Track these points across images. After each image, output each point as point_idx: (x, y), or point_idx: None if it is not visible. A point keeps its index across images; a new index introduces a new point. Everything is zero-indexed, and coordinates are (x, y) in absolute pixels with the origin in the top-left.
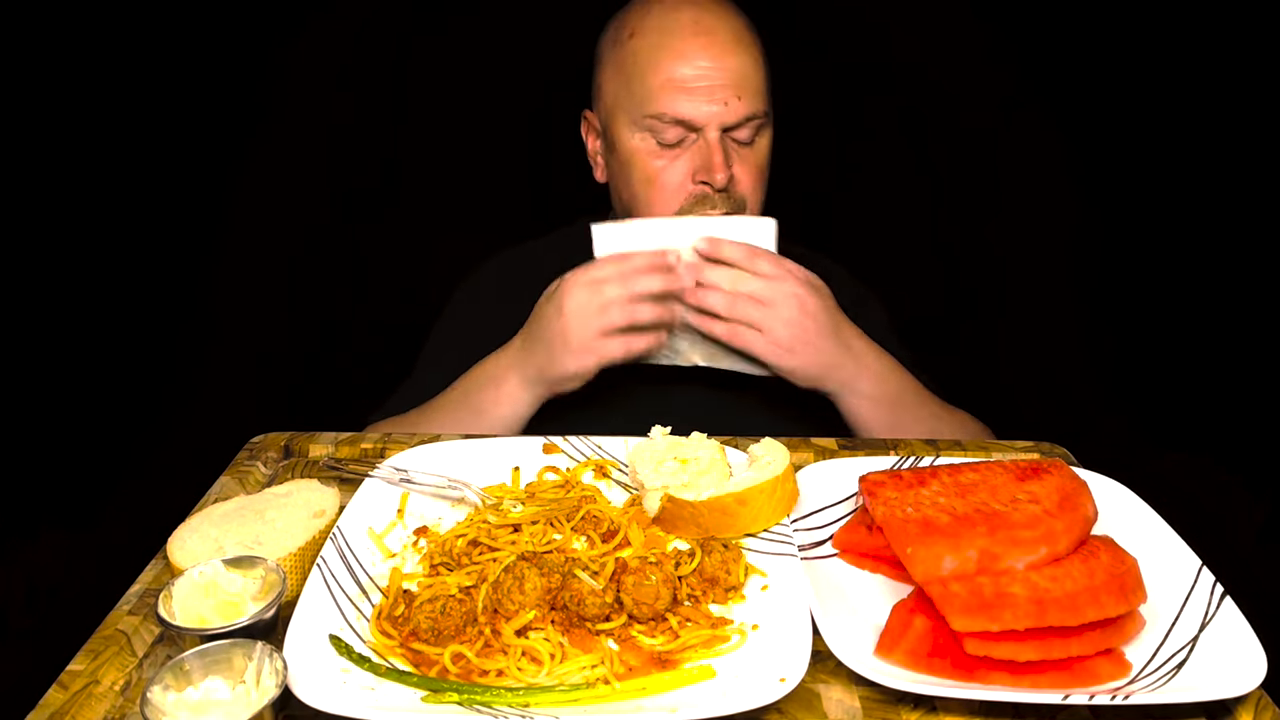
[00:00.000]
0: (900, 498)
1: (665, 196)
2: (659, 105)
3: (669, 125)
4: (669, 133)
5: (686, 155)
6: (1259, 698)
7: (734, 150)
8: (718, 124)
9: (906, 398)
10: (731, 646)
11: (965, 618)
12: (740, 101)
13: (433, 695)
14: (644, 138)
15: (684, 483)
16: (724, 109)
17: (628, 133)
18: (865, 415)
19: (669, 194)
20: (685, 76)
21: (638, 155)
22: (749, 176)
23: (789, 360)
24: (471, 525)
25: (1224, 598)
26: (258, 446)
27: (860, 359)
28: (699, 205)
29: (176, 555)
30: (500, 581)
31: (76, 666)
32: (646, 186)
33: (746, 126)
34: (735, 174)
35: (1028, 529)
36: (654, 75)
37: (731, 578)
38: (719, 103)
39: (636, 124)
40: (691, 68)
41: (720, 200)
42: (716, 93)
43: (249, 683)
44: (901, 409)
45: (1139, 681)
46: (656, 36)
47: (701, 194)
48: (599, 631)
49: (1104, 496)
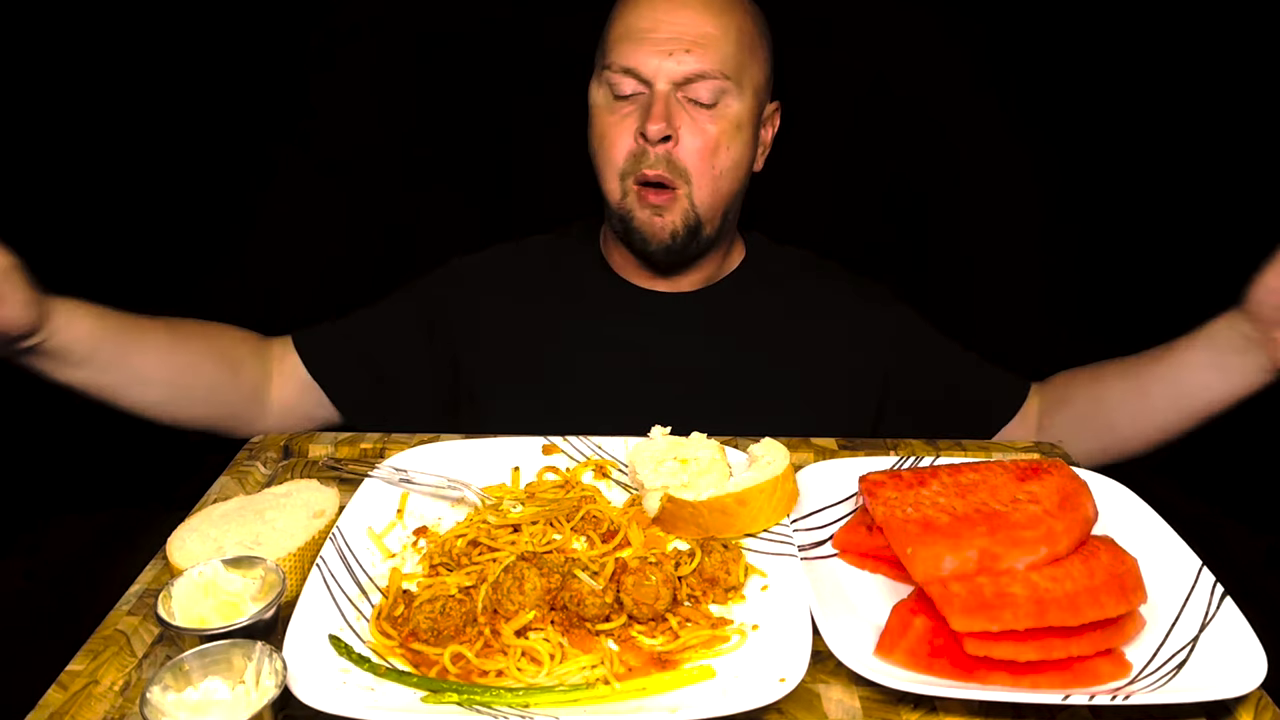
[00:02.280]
0: (900, 498)
1: (611, 154)
2: (612, 54)
3: (620, 76)
4: (623, 85)
5: (637, 110)
6: (1259, 698)
7: (686, 110)
8: (665, 77)
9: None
10: (731, 647)
11: (965, 618)
12: (690, 55)
13: (432, 695)
14: (604, 92)
15: (684, 483)
16: (670, 60)
17: (594, 86)
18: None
19: (614, 151)
20: (639, 27)
21: (596, 110)
22: (697, 145)
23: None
24: (471, 525)
25: (1224, 598)
26: (257, 446)
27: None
28: (636, 165)
29: (176, 555)
30: (500, 582)
31: (76, 666)
32: (599, 143)
33: (702, 86)
34: (682, 137)
35: (1028, 529)
36: (616, 25)
37: (731, 578)
38: (664, 54)
39: (599, 77)
40: (646, 19)
41: (657, 160)
42: (665, 44)
43: (249, 683)
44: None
45: (1139, 682)
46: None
47: (640, 150)
48: (599, 632)
49: (1104, 496)
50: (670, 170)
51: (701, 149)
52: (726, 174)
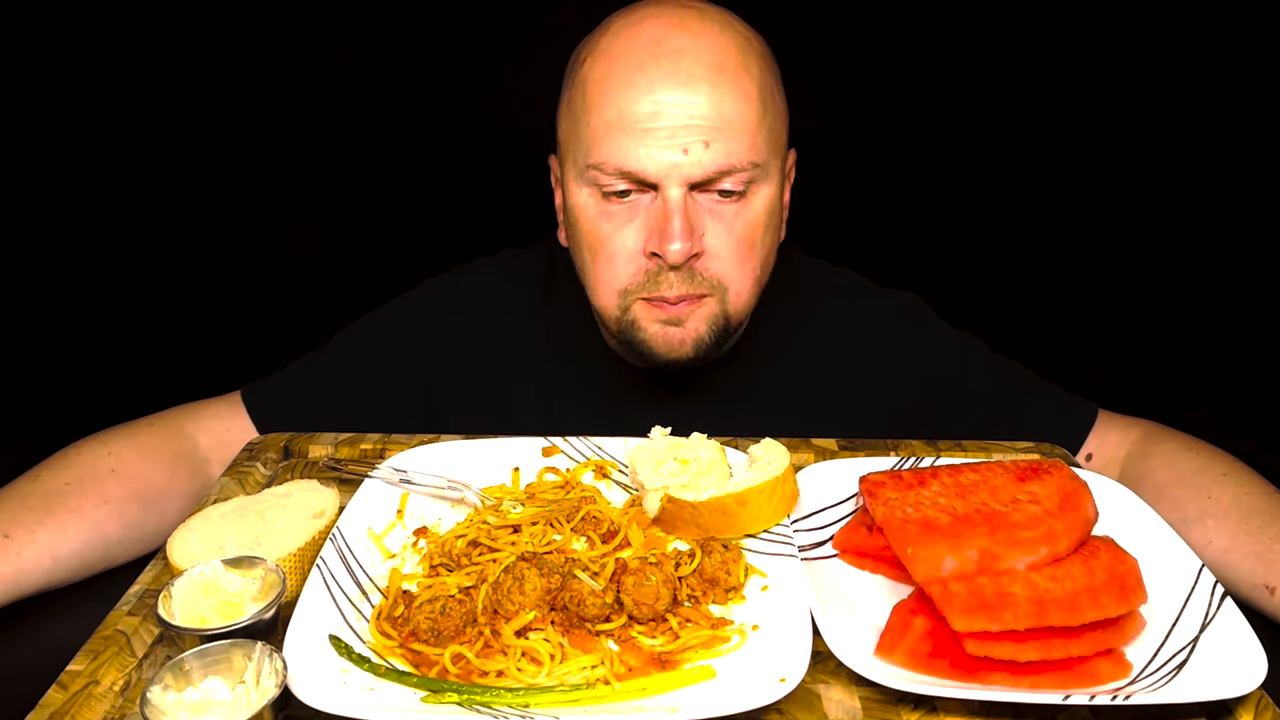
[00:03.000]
0: (900, 498)
1: (611, 271)
2: (600, 152)
3: (613, 178)
4: (617, 187)
5: (641, 218)
6: (1259, 698)
7: (709, 213)
8: (678, 179)
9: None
10: (732, 647)
11: (965, 618)
12: (711, 149)
13: (432, 695)
14: (591, 193)
15: (684, 483)
16: (685, 159)
17: (575, 187)
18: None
19: (616, 268)
20: (635, 115)
21: (583, 216)
22: (730, 250)
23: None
24: (471, 526)
25: (1224, 598)
26: (257, 447)
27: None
28: (651, 285)
29: (176, 555)
30: (500, 582)
31: (76, 666)
32: (591, 256)
33: (727, 181)
34: (709, 246)
35: (1028, 529)
36: (598, 113)
37: (731, 578)
38: (677, 149)
39: (582, 176)
40: (645, 103)
41: (680, 281)
42: (676, 135)
43: (249, 683)
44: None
45: (1139, 682)
46: (608, 61)
47: (655, 270)
48: (599, 632)
49: (1104, 496)
50: (697, 287)
51: (736, 252)
52: (764, 267)
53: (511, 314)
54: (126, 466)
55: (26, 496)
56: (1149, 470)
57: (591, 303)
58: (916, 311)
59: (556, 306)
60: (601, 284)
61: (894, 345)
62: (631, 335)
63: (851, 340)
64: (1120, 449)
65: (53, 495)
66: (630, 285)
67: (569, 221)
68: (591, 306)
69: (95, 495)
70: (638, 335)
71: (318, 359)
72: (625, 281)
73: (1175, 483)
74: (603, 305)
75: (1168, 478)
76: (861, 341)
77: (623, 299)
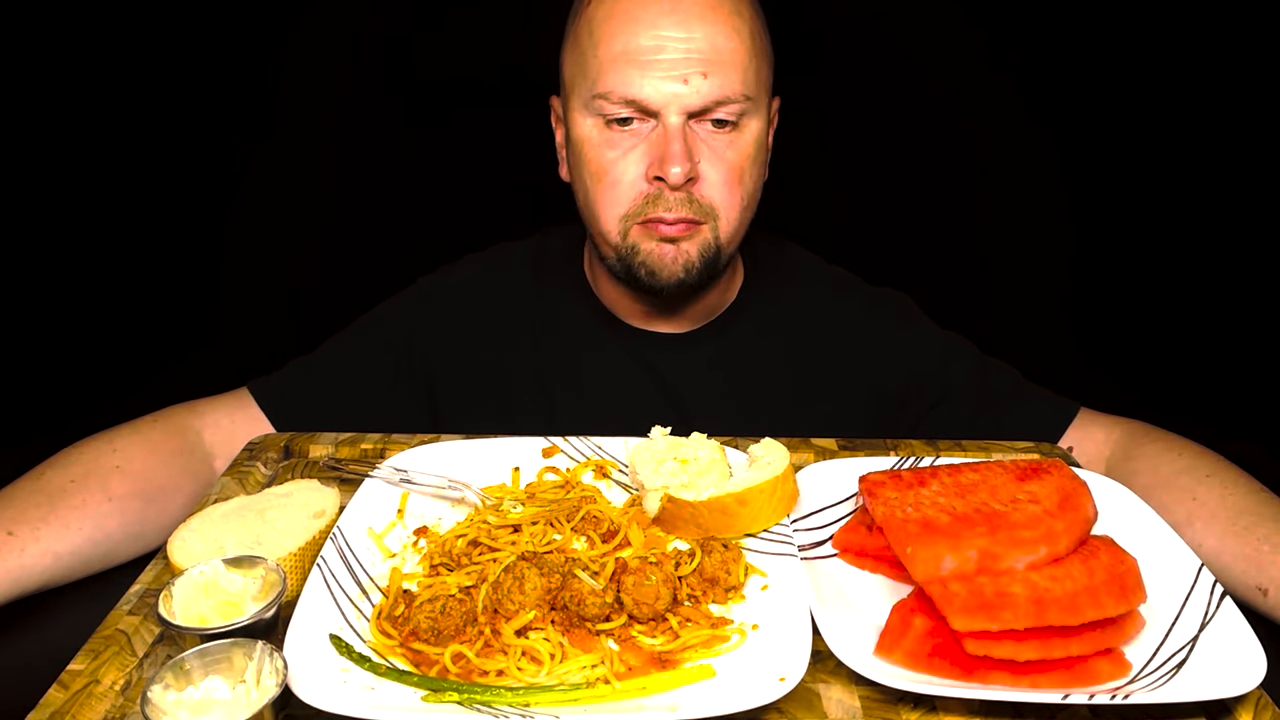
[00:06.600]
0: (900, 498)
1: (614, 195)
2: (607, 82)
3: (619, 106)
4: (620, 116)
5: (643, 146)
6: (1259, 698)
7: (704, 142)
8: (679, 107)
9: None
10: (731, 646)
11: (965, 617)
12: (708, 80)
13: (433, 695)
14: (595, 123)
15: (684, 483)
16: (685, 89)
17: (579, 117)
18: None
19: (619, 192)
20: (640, 48)
21: (587, 145)
22: (722, 177)
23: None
24: (471, 525)
25: (1224, 598)
26: (258, 447)
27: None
28: (650, 207)
29: (176, 555)
30: (500, 582)
31: (76, 666)
32: (595, 183)
33: (721, 111)
34: (703, 172)
35: (1028, 529)
36: (605, 46)
37: (731, 578)
38: (678, 80)
39: (588, 107)
40: (648, 37)
41: (678, 203)
42: (677, 67)
43: (249, 682)
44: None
45: (1139, 681)
46: (614, 1)
47: (655, 193)
48: (599, 631)
49: (1104, 496)
50: (693, 211)
51: (727, 180)
52: (751, 199)
53: (504, 303)
54: (131, 463)
55: (31, 494)
56: (1132, 473)
57: (592, 231)
58: (904, 309)
59: (549, 292)
60: (604, 210)
61: (879, 332)
62: (631, 259)
63: (839, 323)
64: (1104, 448)
65: (57, 492)
66: (630, 210)
67: (573, 153)
68: (592, 238)
69: (99, 492)
70: (636, 258)
71: (322, 356)
72: (626, 206)
73: (1160, 485)
74: (605, 230)
75: (1151, 481)
76: (848, 325)
77: (623, 224)
